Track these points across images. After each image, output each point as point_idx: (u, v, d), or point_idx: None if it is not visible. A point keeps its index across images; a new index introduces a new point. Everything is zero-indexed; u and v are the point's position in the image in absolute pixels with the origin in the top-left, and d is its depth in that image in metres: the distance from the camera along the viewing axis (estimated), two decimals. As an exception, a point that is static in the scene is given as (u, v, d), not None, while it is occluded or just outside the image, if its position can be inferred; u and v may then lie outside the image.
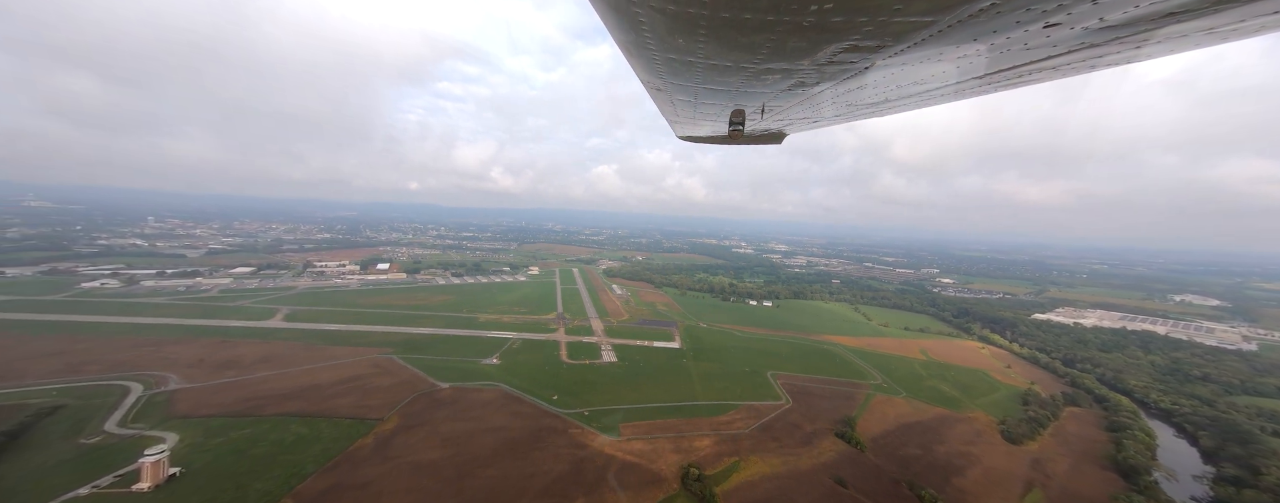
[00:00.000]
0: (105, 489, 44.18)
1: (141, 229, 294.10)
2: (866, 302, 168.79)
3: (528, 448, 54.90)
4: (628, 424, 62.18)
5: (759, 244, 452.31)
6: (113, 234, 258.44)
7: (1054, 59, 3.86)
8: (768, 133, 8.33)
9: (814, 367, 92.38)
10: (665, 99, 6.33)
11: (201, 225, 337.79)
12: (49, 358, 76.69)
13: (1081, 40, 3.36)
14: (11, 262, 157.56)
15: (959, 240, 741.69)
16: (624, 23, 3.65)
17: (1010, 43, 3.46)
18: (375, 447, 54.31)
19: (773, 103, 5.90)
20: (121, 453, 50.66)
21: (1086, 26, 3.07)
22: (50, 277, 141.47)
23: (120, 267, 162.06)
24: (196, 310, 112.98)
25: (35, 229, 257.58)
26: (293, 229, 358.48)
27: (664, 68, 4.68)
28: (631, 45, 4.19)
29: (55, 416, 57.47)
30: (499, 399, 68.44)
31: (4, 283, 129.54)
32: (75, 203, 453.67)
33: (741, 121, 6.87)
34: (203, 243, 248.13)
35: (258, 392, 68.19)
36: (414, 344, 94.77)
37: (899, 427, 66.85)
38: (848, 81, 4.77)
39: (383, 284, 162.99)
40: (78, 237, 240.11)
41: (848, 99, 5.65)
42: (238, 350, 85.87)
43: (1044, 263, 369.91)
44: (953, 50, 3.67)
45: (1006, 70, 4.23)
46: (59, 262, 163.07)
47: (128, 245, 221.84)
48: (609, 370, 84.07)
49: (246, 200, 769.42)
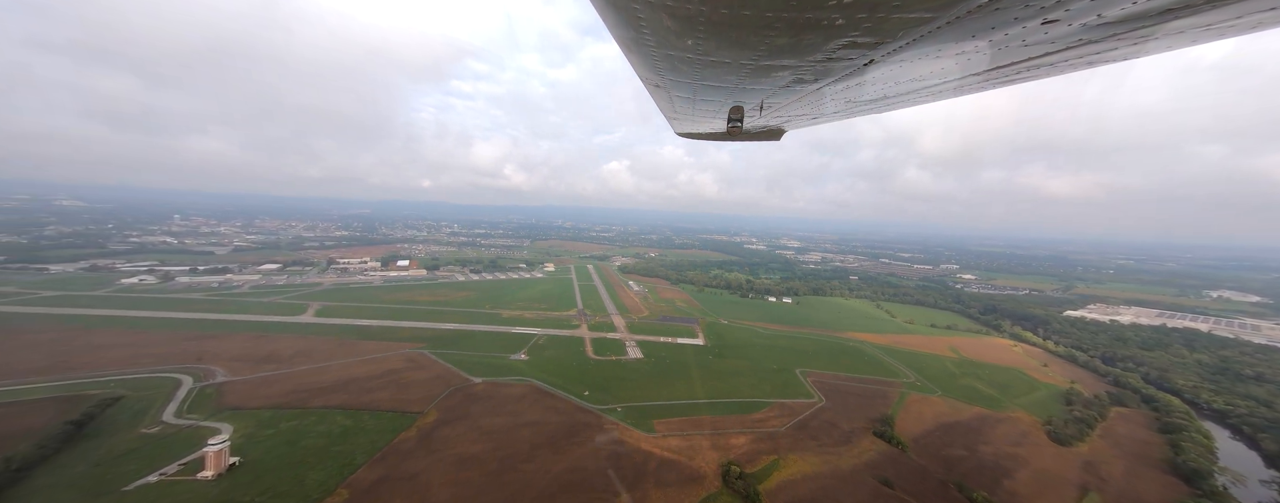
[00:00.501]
0: (172, 477, 46.13)
1: (169, 227, 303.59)
2: (888, 298, 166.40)
3: (565, 443, 55.55)
4: (661, 421, 62.46)
5: (770, 240, 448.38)
6: (143, 232, 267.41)
7: (1052, 56, 3.86)
8: (766, 129, 8.28)
9: (843, 364, 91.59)
10: (664, 96, 6.29)
11: (224, 223, 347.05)
12: (103, 351, 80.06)
13: (1079, 37, 3.36)
14: (55, 259, 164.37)
15: (976, 236, 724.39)
16: (623, 19, 3.64)
17: (1009, 39, 3.46)
18: (419, 440, 55.60)
19: (771, 100, 5.88)
20: (182, 443, 52.81)
21: (1084, 23, 3.07)
22: (92, 273, 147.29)
23: (155, 263, 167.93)
24: (232, 306, 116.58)
25: (71, 227, 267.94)
26: (311, 227, 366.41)
27: (663, 64, 4.68)
28: (630, 42, 4.18)
29: (117, 406, 60.05)
30: (532, 394, 69.39)
31: (51, 279, 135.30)
32: (104, 202, 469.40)
33: (740, 118, 6.84)
34: (228, 241, 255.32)
35: (300, 385, 70.26)
36: (442, 339, 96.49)
37: (938, 426, 65.91)
38: (847, 78, 4.75)
39: (405, 280, 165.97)
40: (111, 235, 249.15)
41: (847, 96, 5.63)
42: (275, 345, 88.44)
43: (1067, 258, 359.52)
44: (952, 47, 3.67)
45: (1006, 67, 4.23)
46: (98, 259, 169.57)
47: (158, 243, 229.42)
48: (636, 367, 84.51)
49: (264, 199, 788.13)
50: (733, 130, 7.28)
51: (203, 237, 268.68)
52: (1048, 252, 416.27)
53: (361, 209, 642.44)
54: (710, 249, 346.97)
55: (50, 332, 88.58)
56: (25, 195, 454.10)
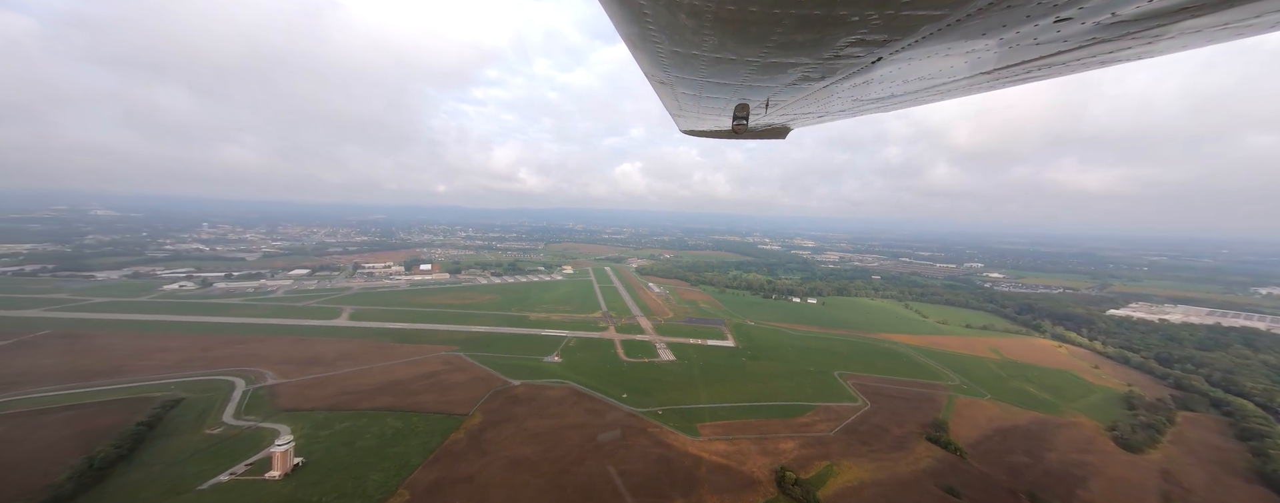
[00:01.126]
0: (242, 477, 47.44)
1: (198, 234, 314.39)
2: (916, 298, 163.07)
3: (613, 446, 55.52)
4: (704, 424, 61.92)
5: (784, 240, 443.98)
6: (175, 240, 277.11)
7: (1065, 54, 3.77)
8: (772, 127, 8.19)
9: (881, 367, 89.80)
10: (669, 93, 6.22)
11: (250, 230, 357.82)
12: (157, 354, 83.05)
13: (1093, 35, 3.27)
14: (98, 266, 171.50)
15: (996, 233, 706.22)
16: (628, 15, 3.61)
17: (1020, 38, 3.38)
18: (469, 441, 56.16)
19: (777, 97, 5.82)
20: (245, 443, 54.35)
21: (1098, 21, 2.99)
22: (135, 280, 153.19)
23: (191, 270, 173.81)
24: (269, 310, 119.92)
25: (108, 236, 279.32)
26: (333, 232, 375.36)
27: (668, 61, 4.63)
28: (636, 38, 4.14)
29: (179, 407, 62.13)
30: (571, 397, 69.58)
31: (98, 286, 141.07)
32: (135, 211, 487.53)
33: (745, 116, 6.76)
34: (256, 247, 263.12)
35: (346, 387, 71.76)
36: (475, 342, 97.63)
37: (995, 431, 63.96)
38: (854, 76, 4.68)
39: (429, 284, 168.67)
40: (146, 242, 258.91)
41: (854, 94, 5.56)
42: (317, 348, 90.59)
43: (1095, 255, 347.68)
44: (961, 45, 3.60)
45: (1016, 66, 4.15)
46: (138, 266, 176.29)
47: (191, 250, 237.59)
48: (670, 369, 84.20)
49: (285, 205, 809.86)
50: (738, 128, 7.22)
51: (231, 243, 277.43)
52: (1074, 249, 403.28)
53: (377, 214, 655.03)
54: (724, 250, 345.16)
55: (105, 337, 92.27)
56: (63, 206, 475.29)
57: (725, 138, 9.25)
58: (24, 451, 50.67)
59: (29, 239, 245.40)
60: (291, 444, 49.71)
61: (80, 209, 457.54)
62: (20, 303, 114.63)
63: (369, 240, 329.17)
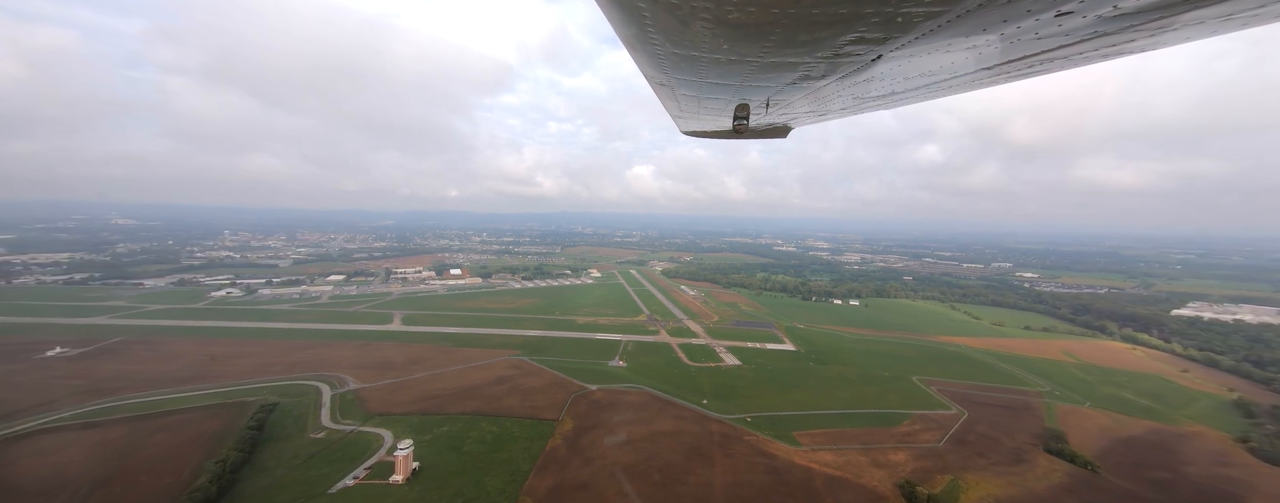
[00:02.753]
0: (366, 481, 48.48)
1: (222, 242, 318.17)
2: (959, 299, 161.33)
3: (715, 454, 54.81)
4: (800, 433, 61.07)
5: (797, 242, 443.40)
6: (202, 247, 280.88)
7: (1067, 48, 3.76)
8: (772, 127, 8.12)
9: (958, 371, 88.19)
10: (669, 94, 6.20)
11: (270, 237, 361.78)
12: (233, 360, 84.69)
13: (1095, 29, 3.25)
14: (141, 274, 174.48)
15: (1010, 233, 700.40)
16: (627, 17, 3.61)
17: (1021, 32, 3.37)
18: (568, 447, 56.20)
19: (778, 97, 5.80)
20: (352, 447, 55.47)
21: (1100, 14, 2.97)
22: (180, 288, 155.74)
23: (231, 277, 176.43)
24: (322, 316, 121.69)
25: (137, 244, 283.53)
26: (350, 238, 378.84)
27: (668, 62, 4.61)
28: (635, 39, 4.13)
29: (277, 411, 63.45)
30: (652, 402, 69.61)
31: (150, 294, 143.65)
32: (153, 220, 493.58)
33: (746, 116, 6.73)
34: (283, 254, 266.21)
35: (427, 392, 72.86)
36: (533, 346, 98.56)
37: (1114, 443, 61.56)
38: (855, 74, 4.66)
39: (465, 289, 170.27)
40: (173, 250, 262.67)
41: (854, 92, 5.54)
42: (384, 353, 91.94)
43: (1118, 254, 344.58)
44: (962, 41, 3.60)
45: (1018, 61, 4.14)
46: (180, 274, 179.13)
47: (223, 257, 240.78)
48: (739, 373, 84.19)
49: (296, 212, 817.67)
50: (739, 128, 7.17)
51: (255, 250, 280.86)
52: (1094, 248, 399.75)
53: (386, 221, 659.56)
54: (739, 252, 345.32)
55: (177, 343, 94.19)
56: (81, 216, 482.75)
57: (726, 138, 9.14)
58: (150, 454, 52.11)
59: (61, 248, 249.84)
60: (411, 449, 50.60)
61: (100, 218, 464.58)
62: (85, 310, 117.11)
63: (387, 246, 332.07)
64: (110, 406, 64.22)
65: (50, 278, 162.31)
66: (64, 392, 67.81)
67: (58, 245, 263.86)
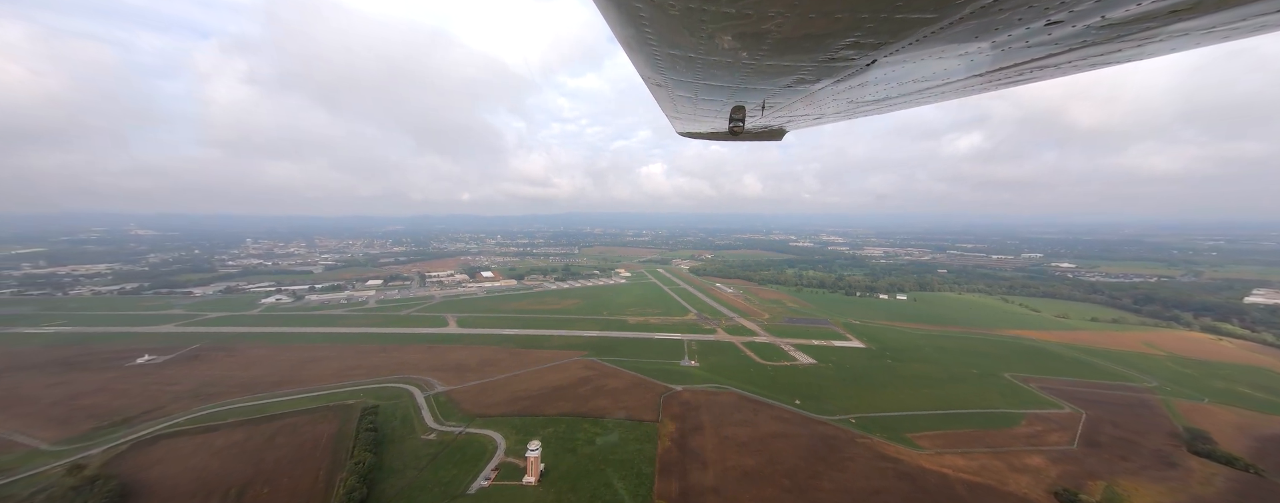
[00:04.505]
0: (499, 483, 49.29)
1: (247, 250, 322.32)
2: (1006, 292, 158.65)
3: (836, 458, 53.74)
4: (914, 435, 59.67)
5: (812, 237, 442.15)
6: (230, 256, 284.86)
7: (1056, 57, 3.87)
8: (768, 129, 8.22)
9: (1048, 367, 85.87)
10: (665, 95, 6.25)
11: (292, 244, 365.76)
12: (313, 364, 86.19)
13: (1083, 38, 3.35)
14: (186, 284, 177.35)
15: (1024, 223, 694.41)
16: (624, 18, 3.63)
17: (1012, 40, 3.47)
18: (680, 450, 55.49)
19: (773, 99, 5.86)
20: (469, 448, 56.39)
21: (1088, 24, 3.07)
22: (229, 295, 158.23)
23: (273, 284, 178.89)
24: (378, 320, 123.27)
25: (167, 254, 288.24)
26: (369, 244, 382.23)
27: (665, 63, 4.65)
28: (632, 40, 4.16)
29: (380, 414, 64.65)
30: (744, 403, 68.88)
31: (203, 302, 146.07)
32: (171, 230, 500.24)
33: (742, 118, 6.80)
34: (312, 260, 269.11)
35: (514, 393, 73.79)
36: (596, 347, 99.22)
37: (1261, 442, 58.23)
38: (849, 79, 4.72)
39: (503, 291, 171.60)
40: (202, 259, 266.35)
41: (849, 96, 5.63)
42: (454, 355, 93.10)
43: (1145, 242, 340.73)
44: (955, 48, 3.69)
45: (1009, 68, 4.22)
46: (213, 283, 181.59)
47: (255, 265, 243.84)
48: (819, 372, 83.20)
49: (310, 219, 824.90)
50: (735, 130, 7.20)
51: (281, 257, 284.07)
52: (1116, 237, 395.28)
53: (395, 226, 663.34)
54: (757, 248, 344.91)
55: (253, 349, 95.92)
56: (101, 227, 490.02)
57: (722, 140, 9.22)
58: (278, 457, 53.38)
59: (92, 259, 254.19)
60: (539, 450, 51.33)
61: (119, 229, 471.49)
62: (151, 319, 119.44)
63: (407, 250, 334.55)
64: (218, 410, 65.75)
65: (103, 288, 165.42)
66: (168, 397, 69.50)
67: (90, 257, 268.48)
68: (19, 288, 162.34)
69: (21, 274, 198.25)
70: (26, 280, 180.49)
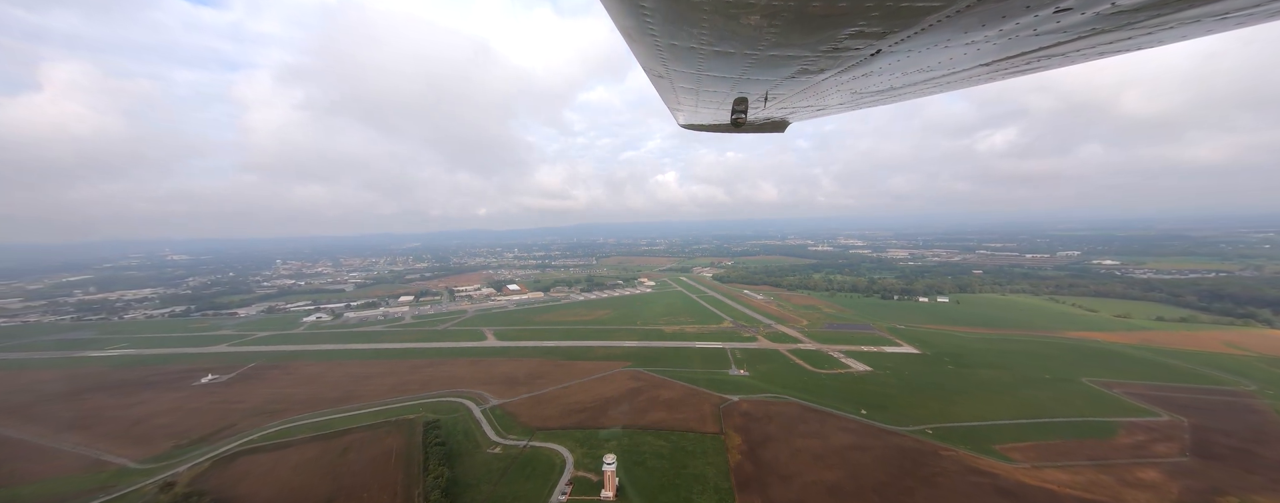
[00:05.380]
0: (575, 497, 48.71)
1: (278, 271, 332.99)
2: (1052, 292, 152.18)
3: (923, 473, 50.92)
4: (1001, 446, 55.89)
5: (830, 241, 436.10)
6: (263, 277, 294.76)
7: (1064, 45, 3.72)
8: (770, 121, 8.11)
9: (1129, 371, 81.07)
10: (667, 86, 6.16)
11: (318, 264, 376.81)
12: (367, 380, 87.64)
13: (1093, 26, 3.25)
14: (229, 305, 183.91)
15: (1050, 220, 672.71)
16: (625, 8, 3.55)
17: (1020, 28, 3.35)
18: (752, 463, 53.75)
19: (776, 91, 5.72)
20: (537, 462, 56.03)
21: (1099, 11, 2.96)
22: (272, 315, 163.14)
23: (309, 303, 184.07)
24: (419, 335, 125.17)
25: (205, 278, 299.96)
26: (392, 261, 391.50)
27: (666, 54, 4.56)
28: (633, 31, 4.08)
29: (442, 428, 65.01)
30: (807, 413, 66.87)
31: (250, 322, 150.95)
32: (203, 254, 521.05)
33: (744, 110, 6.69)
34: (341, 279, 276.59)
35: (568, 405, 73.49)
36: (637, 357, 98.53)
37: None
38: (853, 69, 4.60)
39: (531, 303, 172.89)
40: (238, 281, 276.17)
41: (853, 87, 5.46)
42: (500, 368, 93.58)
43: (1185, 236, 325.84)
44: (961, 37, 3.56)
45: (1016, 57, 4.08)
46: (255, 304, 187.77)
47: (289, 286, 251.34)
48: (877, 380, 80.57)
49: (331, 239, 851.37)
50: (737, 121, 7.15)
51: (310, 277, 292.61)
52: (1155, 232, 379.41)
53: (412, 243, 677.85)
54: (774, 254, 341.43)
55: (306, 367, 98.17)
56: (138, 254, 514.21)
57: (724, 131, 9.11)
58: (354, 472, 53.91)
59: (136, 285, 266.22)
60: (615, 465, 50.59)
61: (155, 255, 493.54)
62: (204, 340, 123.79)
63: (429, 266, 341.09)
64: (287, 427, 67.09)
65: (153, 312, 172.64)
66: (237, 415, 71.34)
67: (133, 282, 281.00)
68: (77, 314, 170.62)
69: (76, 300, 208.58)
70: (82, 306, 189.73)
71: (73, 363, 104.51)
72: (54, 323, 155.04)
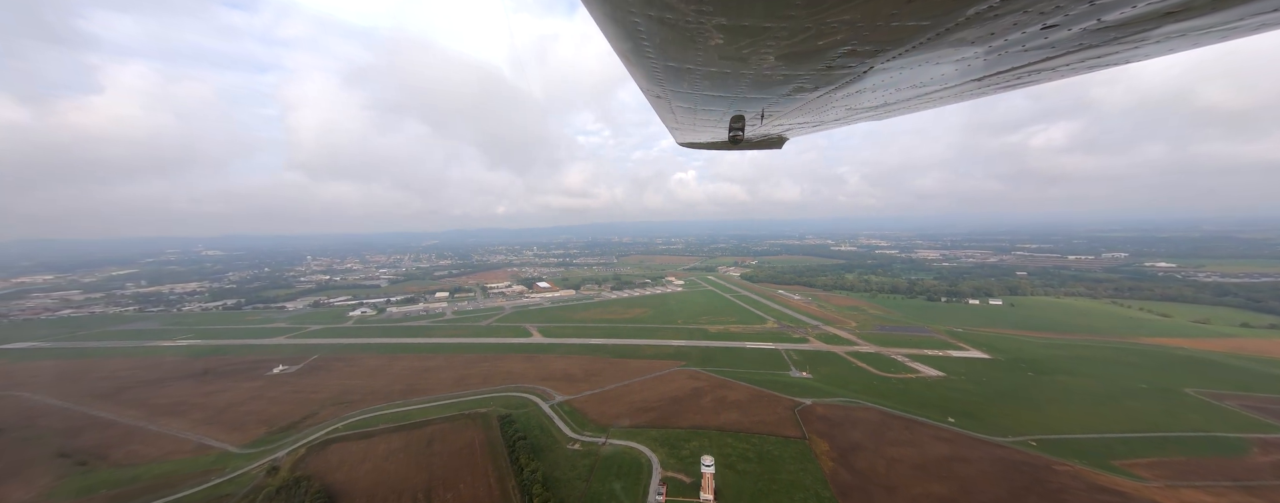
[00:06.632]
0: (672, 498, 48.32)
1: (309, 267, 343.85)
2: (1112, 295, 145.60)
3: (1043, 489, 47.51)
4: (1124, 462, 52.70)
5: (852, 241, 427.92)
6: (296, 273, 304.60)
7: (1053, 60, 3.82)
8: (768, 138, 8.27)
9: (1231, 381, 76.10)
10: (665, 106, 6.25)
11: (347, 260, 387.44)
12: (428, 374, 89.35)
13: (1079, 42, 3.33)
14: (275, 299, 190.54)
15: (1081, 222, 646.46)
16: (622, 32, 3.62)
17: (1008, 45, 3.43)
18: (848, 472, 51.77)
19: (772, 108, 5.81)
20: (620, 460, 55.77)
21: (1084, 28, 3.04)
22: (317, 309, 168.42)
23: (349, 298, 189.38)
24: (463, 331, 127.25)
25: (243, 273, 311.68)
26: (416, 257, 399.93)
27: (663, 75, 4.63)
28: (630, 53, 4.14)
29: (517, 423, 65.67)
30: (890, 420, 64.43)
31: (300, 316, 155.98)
32: (236, 250, 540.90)
33: (741, 127, 6.78)
34: (373, 275, 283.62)
35: (634, 404, 73.33)
36: (689, 356, 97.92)
37: None
38: (848, 86, 4.68)
39: (566, 301, 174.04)
40: (274, 276, 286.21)
41: (848, 103, 5.58)
42: (554, 365, 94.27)
43: (1233, 238, 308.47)
44: (951, 53, 3.65)
45: (1006, 72, 4.19)
46: (299, 298, 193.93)
47: (326, 281, 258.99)
48: (953, 386, 77.67)
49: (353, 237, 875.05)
50: (734, 139, 7.25)
51: (342, 272, 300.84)
52: (1201, 233, 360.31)
53: (429, 241, 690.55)
54: (796, 254, 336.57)
55: (366, 359, 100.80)
56: (174, 250, 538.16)
57: (722, 149, 9.27)
58: (444, 463, 54.77)
59: (182, 279, 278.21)
60: (713, 467, 50.03)
61: (191, 251, 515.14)
62: (261, 332, 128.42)
63: (452, 264, 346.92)
64: (366, 417, 68.81)
65: (207, 305, 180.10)
66: (316, 405, 73.56)
67: (177, 276, 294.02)
68: (138, 306, 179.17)
69: (131, 293, 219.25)
70: (139, 299, 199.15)
71: (147, 353, 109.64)
72: (119, 314, 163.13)
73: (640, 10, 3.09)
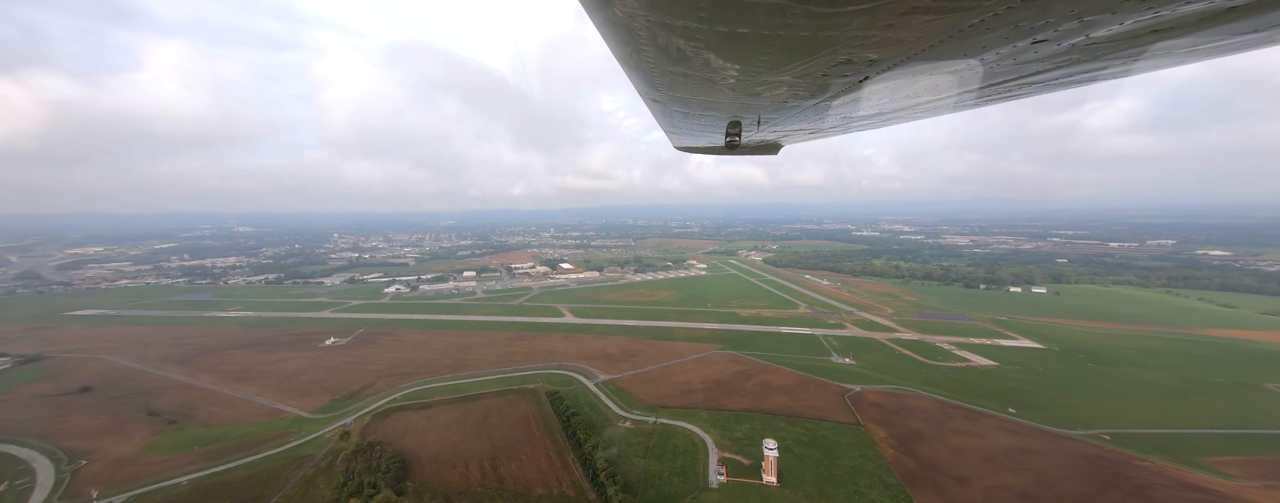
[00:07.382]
0: (734, 478, 48.73)
1: (337, 244, 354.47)
2: (1164, 284, 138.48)
3: (1129, 486, 45.37)
4: (1210, 458, 49.87)
5: (872, 226, 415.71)
6: (325, 250, 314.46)
7: (1044, 74, 3.92)
8: (764, 143, 8.41)
9: None
10: (662, 111, 6.37)
11: (371, 238, 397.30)
12: (471, 351, 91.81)
13: (1069, 57, 3.43)
14: (313, 274, 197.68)
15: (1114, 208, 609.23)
16: (621, 37, 3.67)
17: (1000, 58, 3.52)
18: (912, 459, 50.97)
19: (768, 115, 5.89)
20: (674, 439, 56.61)
21: (1073, 43, 3.14)
22: (354, 285, 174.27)
23: (382, 275, 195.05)
24: (497, 309, 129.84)
25: (278, 248, 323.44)
26: (437, 237, 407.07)
27: (661, 81, 4.70)
28: (630, 58, 4.21)
29: (565, 399, 67.20)
30: (948, 409, 62.99)
31: (339, 291, 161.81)
32: (266, 227, 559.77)
33: (738, 133, 6.86)
34: (399, 253, 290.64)
35: (677, 385, 73.84)
36: (724, 339, 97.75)
37: None
38: (843, 95, 4.74)
39: (591, 282, 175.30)
40: (305, 252, 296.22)
41: (843, 112, 5.62)
42: (593, 345, 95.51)
43: None
44: (945, 65, 3.70)
45: (999, 83, 4.25)
46: (333, 274, 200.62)
47: (355, 258, 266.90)
48: (1009, 375, 75.45)
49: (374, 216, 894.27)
50: (731, 144, 7.34)
51: (368, 250, 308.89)
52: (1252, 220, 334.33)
53: (448, 221, 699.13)
54: (817, 238, 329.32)
55: (410, 334, 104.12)
56: (208, 226, 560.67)
57: (719, 154, 9.54)
58: (503, 434, 56.58)
59: (219, 254, 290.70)
60: (777, 450, 49.96)
61: (224, 227, 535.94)
62: (306, 306, 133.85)
63: (474, 244, 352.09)
64: (421, 389, 71.48)
65: (251, 279, 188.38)
66: (372, 376, 76.72)
67: (216, 251, 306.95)
68: (186, 278, 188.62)
69: (177, 266, 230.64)
70: (186, 271, 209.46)
71: (206, 322, 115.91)
72: (171, 286, 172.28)
73: (640, 16, 3.08)
